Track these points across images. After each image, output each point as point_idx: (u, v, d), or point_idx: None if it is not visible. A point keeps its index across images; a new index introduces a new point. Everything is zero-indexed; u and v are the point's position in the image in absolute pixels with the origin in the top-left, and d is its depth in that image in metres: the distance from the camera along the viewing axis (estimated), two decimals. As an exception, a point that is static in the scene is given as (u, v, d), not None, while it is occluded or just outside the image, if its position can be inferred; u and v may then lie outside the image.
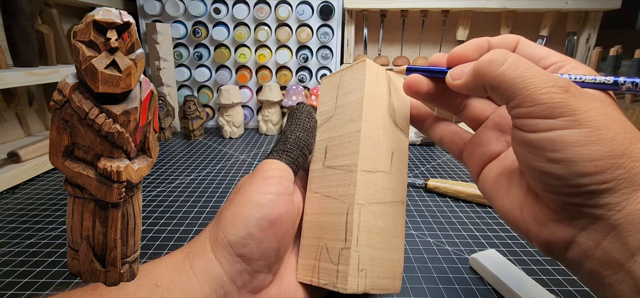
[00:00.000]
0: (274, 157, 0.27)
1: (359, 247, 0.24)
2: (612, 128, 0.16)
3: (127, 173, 0.16)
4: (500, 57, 0.18)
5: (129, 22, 0.16)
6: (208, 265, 0.23)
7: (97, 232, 0.17)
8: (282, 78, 0.88)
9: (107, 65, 0.15)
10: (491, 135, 0.23)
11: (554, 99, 0.16)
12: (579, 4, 0.77)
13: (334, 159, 0.27)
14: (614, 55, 0.69)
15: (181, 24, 0.86)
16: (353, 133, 0.26)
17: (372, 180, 0.25)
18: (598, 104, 0.17)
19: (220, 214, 0.25)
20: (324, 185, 0.27)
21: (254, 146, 0.76)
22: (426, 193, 0.52)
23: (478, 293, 0.31)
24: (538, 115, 0.17)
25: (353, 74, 0.28)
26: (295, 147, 0.27)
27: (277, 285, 0.25)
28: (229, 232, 0.23)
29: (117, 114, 0.16)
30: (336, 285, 0.23)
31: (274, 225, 0.24)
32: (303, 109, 0.30)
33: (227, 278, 0.23)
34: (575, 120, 0.16)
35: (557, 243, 0.18)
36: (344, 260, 0.23)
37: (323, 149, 0.28)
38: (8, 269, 0.34)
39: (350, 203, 0.24)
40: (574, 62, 0.20)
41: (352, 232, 0.23)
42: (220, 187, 0.54)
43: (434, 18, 0.88)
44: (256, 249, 0.23)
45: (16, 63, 0.56)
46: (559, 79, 0.17)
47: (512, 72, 0.18)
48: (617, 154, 0.16)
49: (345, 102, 0.28)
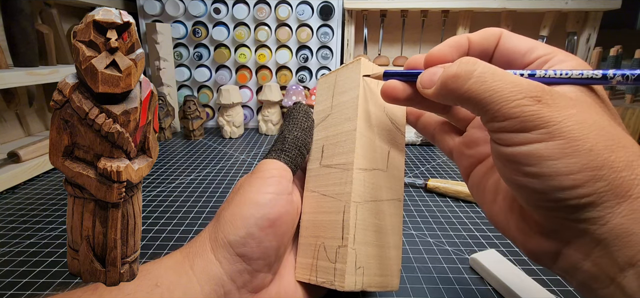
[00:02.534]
0: (272, 157, 0.27)
1: (356, 244, 0.24)
2: (590, 137, 0.15)
3: (127, 173, 0.16)
4: (465, 72, 0.17)
5: (129, 22, 0.16)
6: (208, 265, 0.23)
7: (97, 232, 0.17)
8: (282, 78, 0.88)
9: (107, 65, 0.15)
10: (479, 136, 0.23)
11: (525, 111, 0.15)
12: (579, 4, 0.77)
13: (330, 158, 0.27)
14: (614, 55, 0.69)
15: (181, 24, 0.86)
16: (349, 132, 0.26)
17: (368, 178, 0.25)
18: (575, 111, 0.15)
19: (220, 214, 0.25)
20: (321, 184, 0.27)
21: (254, 146, 0.76)
22: (426, 193, 0.52)
23: (478, 293, 0.31)
24: (511, 130, 0.16)
25: (349, 72, 0.28)
26: (293, 147, 0.27)
27: (277, 284, 0.25)
28: (228, 232, 0.23)
29: (117, 114, 0.16)
30: (334, 283, 0.23)
31: (274, 224, 0.24)
32: (300, 109, 0.30)
33: (227, 278, 0.23)
34: (548, 132, 0.15)
35: (544, 254, 0.17)
36: (341, 258, 0.23)
37: (320, 148, 0.29)
38: (8, 269, 0.34)
39: (346, 201, 0.24)
40: (562, 54, 0.19)
41: (349, 230, 0.24)
42: (220, 187, 0.54)
43: (434, 18, 0.88)
44: (256, 248, 0.23)
45: (16, 63, 0.56)
46: (531, 87, 0.16)
47: (479, 86, 0.16)
48: (597, 166, 0.15)
49: (341, 101, 0.28)
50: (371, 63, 0.28)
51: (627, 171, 0.15)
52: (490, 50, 0.21)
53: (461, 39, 0.21)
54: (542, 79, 0.18)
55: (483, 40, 0.21)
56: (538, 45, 0.19)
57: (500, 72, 0.17)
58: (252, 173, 0.26)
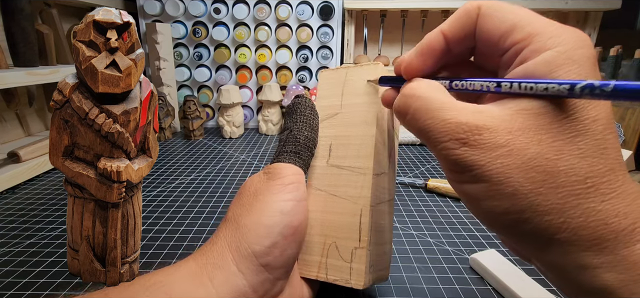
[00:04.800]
0: (286, 160, 0.26)
1: (370, 246, 0.25)
2: (513, 180, 0.14)
3: (127, 173, 0.16)
4: (403, 107, 0.18)
5: (129, 22, 0.16)
6: (231, 277, 0.21)
7: (97, 232, 0.17)
8: (282, 78, 0.88)
9: (107, 65, 0.15)
10: None
11: (451, 155, 0.15)
12: (579, 4, 0.77)
13: (341, 159, 0.27)
14: (614, 55, 0.69)
15: (181, 24, 0.86)
16: (365, 136, 0.26)
17: (378, 182, 0.26)
18: (501, 151, 0.14)
19: (237, 221, 0.23)
20: (329, 183, 0.27)
21: (254, 146, 0.76)
22: (426, 193, 0.52)
23: (478, 293, 0.31)
24: (446, 169, 0.16)
25: (363, 74, 0.28)
26: (305, 149, 0.27)
27: (289, 287, 0.25)
28: (253, 242, 0.22)
29: (117, 114, 0.16)
30: (350, 282, 0.25)
31: (296, 231, 0.23)
32: (307, 104, 0.29)
33: (250, 289, 0.22)
34: (473, 175, 0.15)
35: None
36: (358, 259, 0.25)
37: (327, 146, 0.28)
38: (8, 269, 0.34)
39: (364, 205, 0.25)
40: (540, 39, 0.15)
41: (367, 233, 0.25)
42: (220, 187, 0.54)
43: (434, 18, 0.88)
44: (280, 257, 0.23)
45: (16, 63, 0.56)
46: (458, 129, 0.15)
47: (415, 123, 0.17)
48: (519, 210, 0.14)
49: (355, 102, 0.28)
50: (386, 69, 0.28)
51: (552, 215, 0.14)
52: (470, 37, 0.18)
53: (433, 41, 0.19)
54: (504, 91, 0.16)
55: (458, 30, 0.18)
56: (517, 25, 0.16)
57: (434, 107, 0.16)
58: (270, 177, 0.25)
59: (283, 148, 0.27)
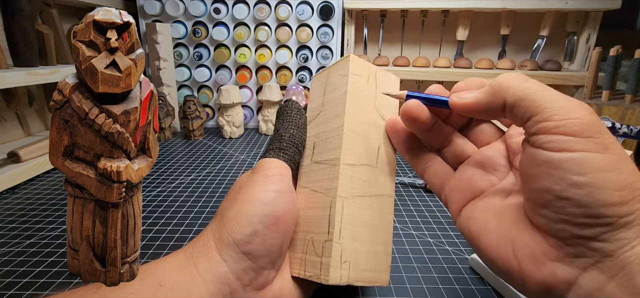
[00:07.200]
0: (271, 156, 0.27)
1: (341, 239, 0.24)
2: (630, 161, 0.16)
3: (127, 173, 0.16)
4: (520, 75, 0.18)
5: (129, 22, 0.16)
6: (213, 264, 0.23)
7: (97, 232, 0.17)
8: (282, 78, 0.88)
9: (107, 65, 0.15)
10: (475, 172, 0.23)
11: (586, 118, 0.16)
12: (579, 4, 0.77)
13: (320, 154, 0.28)
14: (614, 55, 0.69)
15: (181, 24, 0.86)
16: (337, 128, 0.26)
17: (356, 174, 0.26)
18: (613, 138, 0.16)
19: (223, 213, 0.25)
20: (311, 180, 0.28)
21: (254, 146, 0.76)
22: (426, 193, 0.52)
23: (478, 293, 0.31)
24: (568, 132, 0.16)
25: (338, 69, 0.29)
26: (290, 145, 0.28)
27: (280, 280, 0.25)
28: (234, 231, 0.23)
29: (117, 114, 0.16)
30: (320, 277, 0.24)
31: (278, 221, 0.24)
32: (293, 106, 0.30)
33: (233, 277, 0.23)
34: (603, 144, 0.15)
35: (557, 284, 0.17)
36: (327, 252, 0.24)
37: (312, 144, 0.29)
38: (8, 269, 0.34)
39: (333, 196, 0.25)
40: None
41: (335, 225, 0.24)
42: (220, 187, 0.54)
43: (434, 18, 0.88)
44: (261, 246, 0.23)
45: (16, 63, 0.56)
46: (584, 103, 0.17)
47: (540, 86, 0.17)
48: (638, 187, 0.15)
49: (331, 98, 0.29)
50: (361, 60, 0.29)
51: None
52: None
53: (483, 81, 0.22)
54: None
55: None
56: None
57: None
58: (253, 171, 0.26)
59: (269, 146, 0.28)
